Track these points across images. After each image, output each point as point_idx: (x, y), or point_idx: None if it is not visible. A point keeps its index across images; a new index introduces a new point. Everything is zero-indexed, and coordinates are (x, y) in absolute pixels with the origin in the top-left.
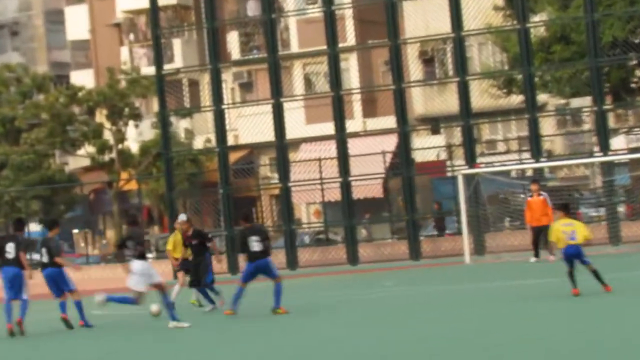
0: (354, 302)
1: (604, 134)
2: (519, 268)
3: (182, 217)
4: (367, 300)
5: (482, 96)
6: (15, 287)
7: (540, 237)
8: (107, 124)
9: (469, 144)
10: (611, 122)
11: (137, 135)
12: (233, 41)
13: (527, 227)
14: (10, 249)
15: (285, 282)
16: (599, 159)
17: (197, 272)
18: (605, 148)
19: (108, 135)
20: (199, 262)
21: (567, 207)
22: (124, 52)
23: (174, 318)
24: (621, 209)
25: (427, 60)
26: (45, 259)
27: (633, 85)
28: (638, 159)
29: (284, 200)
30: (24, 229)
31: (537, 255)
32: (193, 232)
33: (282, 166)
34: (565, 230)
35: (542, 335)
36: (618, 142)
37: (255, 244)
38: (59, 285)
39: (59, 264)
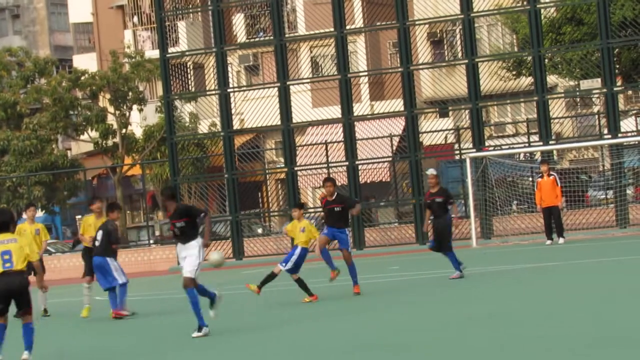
0: (361, 286)
1: (613, 116)
2: (525, 251)
3: (432, 171)
4: (373, 284)
5: (491, 78)
6: None
7: (551, 219)
8: (111, 109)
9: (478, 126)
10: (621, 104)
11: (141, 120)
12: (239, 23)
13: (538, 208)
14: None
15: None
16: (608, 141)
17: (441, 232)
18: (614, 130)
19: (111, 120)
20: (441, 223)
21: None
22: (128, 35)
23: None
24: (629, 191)
25: (436, 42)
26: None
27: None
28: None
29: (290, 184)
30: None
31: (550, 237)
32: (439, 190)
33: (288, 150)
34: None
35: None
36: (628, 124)
37: None
38: None
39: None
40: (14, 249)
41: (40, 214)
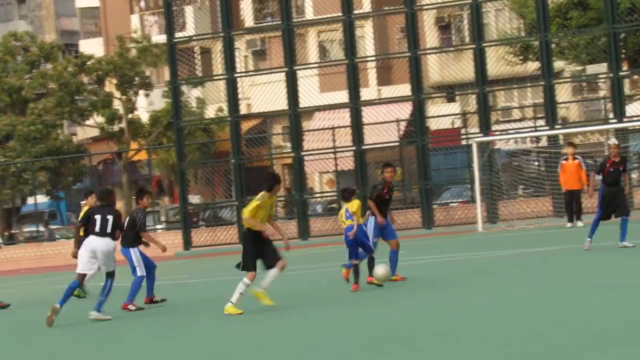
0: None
1: (619, 101)
2: (531, 235)
3: (614, 140)
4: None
5: (498, 63)
6: None
7: (573, 202)
8: (117, 94)
9: (484, 111)
10: (627, 88)
11: (147, 105)
12: (246, 8)
13: (562, 190)
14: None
15: (297, 252)
16: (613, 125)
17: (620, 197)
18: (620, 115)
19: (118, 105)
20: (618, 190)
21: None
22: (135, 19)
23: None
24: (634, 175)
25: (444, 27)
26: None
27: None
28: None
29: (297, 169)
30: None
31: (571, 220)
32: (621, 158)
33: (295, 135)
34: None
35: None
36: (633, 108)
37: None
38: None
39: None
40: None
41: (45, 199)
